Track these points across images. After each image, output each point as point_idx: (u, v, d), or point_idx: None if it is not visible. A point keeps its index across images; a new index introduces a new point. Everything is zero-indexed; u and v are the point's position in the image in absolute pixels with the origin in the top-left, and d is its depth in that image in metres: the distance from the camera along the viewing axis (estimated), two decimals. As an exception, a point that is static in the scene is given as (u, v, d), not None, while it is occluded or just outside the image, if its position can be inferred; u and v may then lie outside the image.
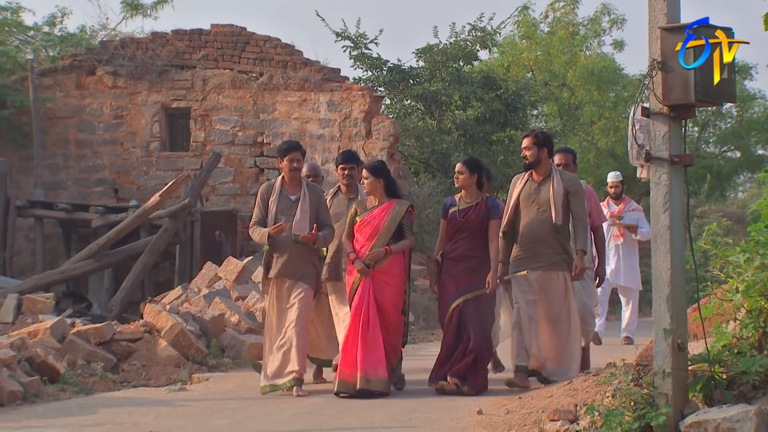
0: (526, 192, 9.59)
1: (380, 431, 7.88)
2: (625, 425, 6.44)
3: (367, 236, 9.49)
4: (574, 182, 9.65)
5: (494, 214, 9.57)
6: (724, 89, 6.50)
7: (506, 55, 28.90)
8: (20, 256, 18.41)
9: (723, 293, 7.27)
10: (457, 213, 9.62)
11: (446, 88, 23.09)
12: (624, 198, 14.36)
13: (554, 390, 9.40)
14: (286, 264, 9.50)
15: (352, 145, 18.04)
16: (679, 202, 6.55)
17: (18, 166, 18.53)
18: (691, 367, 6.58)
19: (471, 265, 9.53)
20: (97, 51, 19.59)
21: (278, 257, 9.55)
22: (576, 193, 9.56)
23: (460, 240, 9.61)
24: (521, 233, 9.54)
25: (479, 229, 9.57)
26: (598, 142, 28.86)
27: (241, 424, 8.25)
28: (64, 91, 19.37)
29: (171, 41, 19.31)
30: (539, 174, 9.59)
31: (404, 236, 9.59)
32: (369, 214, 9.54)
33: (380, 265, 9.43)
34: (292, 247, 9.47)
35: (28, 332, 11.41)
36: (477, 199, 9.63)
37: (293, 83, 18.58)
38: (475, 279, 9.49)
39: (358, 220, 9.54)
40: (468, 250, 9.57)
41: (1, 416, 9.34)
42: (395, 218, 9.53)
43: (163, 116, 19.22)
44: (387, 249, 9.42)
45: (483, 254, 9.55)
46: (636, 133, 6.67)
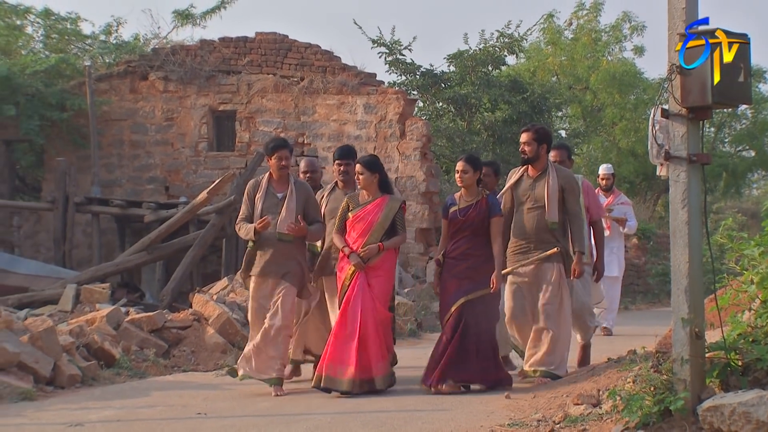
0: (522, 187, 9.21)
1: (415, 413, 7.88)
2: (645, 409, 6.41)
3: (360, 232, 8.92)
4: (569, 179, 9.24)
5: (495, 212, 8.98)
6: (740, 92, 6.47)
7: (532, 60, 28.85)
8: (78, 249, 18.54)
9: (738, 285, 7.24)
10: (458, 212, 8.98)
11: (476, 91, 23.04)
12: (614, 191, 13.91)
13: (578, 376, 9.38)
14: (269, 262, 8.88)
15: (387, 146, 18.06)
16: (696, 198, 6.51)
17: (76, 166, 18.66)
18: (708, 355, 6.55)
19: (473, 264, 8.90)
20: (149, 57, 19.69)
21: (261, 255, 8.92)
22: (571, 191, 9.16)
23: (462, 239, 8.98)
24: (516, 229, 9.18)
25: (481, 228, 8.94)
26: (619, 142, 28.77)
27: (283, 407, 8.31)
28: (119, 95, 19.48)
29: (218, 48, 19.37)
30: (536, 169, 9.18)
31: (396, 232, 9.03)
32: (362, 210, 8.97)
33: (372, 261, 8.86)
34: (276, 246, 8.88)
35: (86, 320, 11.50)
36: (477, 197, 8.99)
37: (332, 87, 18.59)
38: (477, 278, 8.86)
39: (351, 216, 8.98)
40: (469, 248, 8.93)
41: (62, 398, 9.42)
42: (389, 214, 8.97)
43: (211, 118, 19.28)
44: (380, 245, 8.85)
45: (485, 252, 8.93)
46: (656, 134, 6.64)
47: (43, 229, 19.52)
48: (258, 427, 7.62)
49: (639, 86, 29.33)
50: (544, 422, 7.35)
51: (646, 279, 21.74)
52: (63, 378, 9.95)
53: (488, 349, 8.86)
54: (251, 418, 7.99)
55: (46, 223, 19.20)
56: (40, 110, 18.51)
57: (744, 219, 26.52)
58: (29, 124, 18.33)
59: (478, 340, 8.78)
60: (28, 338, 10.00)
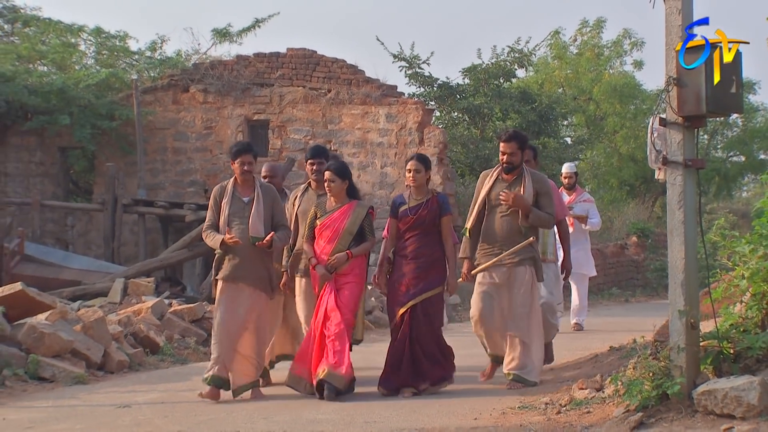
0: (496, 191, 8.37)
1: (431, 398, 7.92)
2: (644, 393, 6.41)
3: (327, 239, 8.17)
4: (543, 182, 8.49)
5: (446, 211, 8.31)
6: (732, 102, 6.48)
7: (540, 73, 28.80)
8: (126, 246, 18.63)
9: (730, 279, 7.22)
10: (408, 210, 8.25)
11: (488, 102, 23.01)
12: (576, 189, 13.02)
13: (582, 362, 9.36)
14: (238, 267, 8.04)
15: (407, 152, 18.02)
16: (691, 200, 6.50)
17: (124, 170, 18.75)
18: (703, 343, 6.53)
19: (421, 264, 8.18)
20: (190, 72, 19.75)
21: (230, 259, 8.08)
22: (546, 194, 8.41)
23: (411, 237, 8.24)
24: (489, 232, 8.38)
25: (432, 226, 8.24)
26: (620, 148, 28.71)
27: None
28: (163, 106, 19.55)
29: (253, 63, 19.42)
30: (511, 174, 8.40)
31: (365, 238, 8.26)
32: (329, 217, 8.20)
33: (341, 268, 8.12)
34: (246, 251, 8.02)
35: (132, 311, 11.55)
36: (427, 196, 8.30)
37: (356, 98, 18.60)
38: (426, 278, 8.17)
39: (318, 223, 8.23)
40: (419, 247, 8.21)
41: (112, 381, 9.48)
42: (356, 221, 8.19)
43: (246, 127, 19.32)
44: (349, 254, 8.11)
45: (435, 251, 8.24)
46: (654, 141, 6.62)
47: (94, 228, 19.62)
48: (290, 408, 7.64)
49: (638, 97, 29.30)
50: (551, 405, 7.35)
51: (645, 274, 21.66)
52: (112, 364, 10.01)
53: (435, 350, 8.20)
54: (283, 401, 8.02)
55: (97, 222, 19.30)
56: (91, 120, 18.61)
57: (735, 219, 26.41)
58: (82, 132, 18.43)
59: (428, 341, 8.15)
60: (81, 327, 10.06)
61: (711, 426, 5.97)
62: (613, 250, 21.50)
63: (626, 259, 21.79)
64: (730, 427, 5.88)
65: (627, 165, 28.68)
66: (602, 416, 6.70)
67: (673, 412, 6.28)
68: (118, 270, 16.24)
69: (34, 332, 9.55)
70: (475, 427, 6.76)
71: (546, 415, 7.02)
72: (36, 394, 8.78)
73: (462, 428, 6.73)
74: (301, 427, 6.87)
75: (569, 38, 29.99)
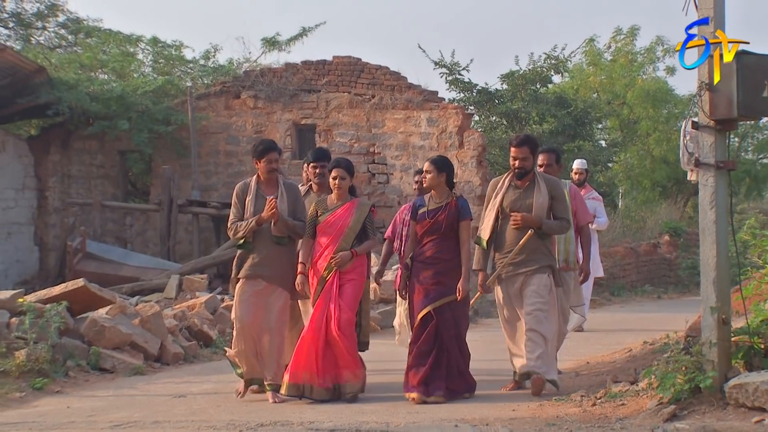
0: (510, 199, 7.73)
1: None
2: (677, 386, 6.37)
3: (331, 237, 7.63)
4: (556, 187, 7.86)
5: (465, 215, 7.66)
6: (763, 106, 6.42)
7: (575, 78, 28.60)
8: (180, 244, 18.76)
9: (761, 276, 7.17)
10: (426, 213, 7.66)
11: (525, 106, 22.90)
12: (586, 186, 12.08)
13: (617, 356, 9.29)
14: (262, 265, 7.62)
15: (447, 154, 17.98)
16: (723, 200, 6.45)
17: (179, 172, 18.88)
18: (734, 339, 6.47)
19: (440, 269, 7.57)
20: (241, 79, 19.84)
21: (254, 257, 7.65)
22: (558, 198, 7.80)
23: (429, 242, 7.64)
24: (503, 241, 7.74)
25: (450, 231, 7.62)
26: (653, 151, 28.45)
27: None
28: (216, 111, 19.64)
29: (300, 70, 19.46)
30: (523, 180, 7.76)
31: (367, 237, 7.73)
32: (332, 215, 7.67)
33: (345, 267, 7.58)
34: (271, 249, 7.65)
35: (187, 306, 11.64)
36: (447, 199, 7.67)
37: (399, 103, 18.58)
38: (444, 284, 7.56)
39: (321, 221, 7.70)
40: (437, 252, 7.60)
41: (168, 372, 9.56)
42: (359, 218, 7.67)
43: (294, 131, 19.37)
44: (353, 252, 7.60)
45: (453, 257, 7.62)
46: (687, 143, 6.58)
47: (151, 227, 19.77)
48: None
49: (670, 102, 29.06)
50: (587, 398, 7.31)
51: (677, 271, 21.47)
52: (168, 356, 10.09)
53: (458, 357, 7.62)
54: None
55: (154, 222, 19.44)
56: (149, 125, 18.75)
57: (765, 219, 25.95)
58: (140, 136, 18.58)
59: (452, 346, 7.55)
60: (139, 321, 10.15)
61: (742, 418, 5.91)
62: (646, 249, 21.36)
63: (659, 257, 21.63)
64: (761, 419, 5.83)
65: (659, 167, 28.42)
66: (636, 408, 6.66)
67: (705, 405, 6.24)
68: (174, 267, 16.37)
69: (96, 326, 9.65)
70: (513, 418, 6.74)
71: (582, 407, 6.99)
72: (97, 384, 8.88)
73: (501, 419, 6.71)
74: (347, 417, 6.88)
75: (604, 45, 29.74)
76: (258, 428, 6.58)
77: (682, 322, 7.68)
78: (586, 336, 11.70)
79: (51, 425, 7.03)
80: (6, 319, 9.41)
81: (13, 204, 18.53)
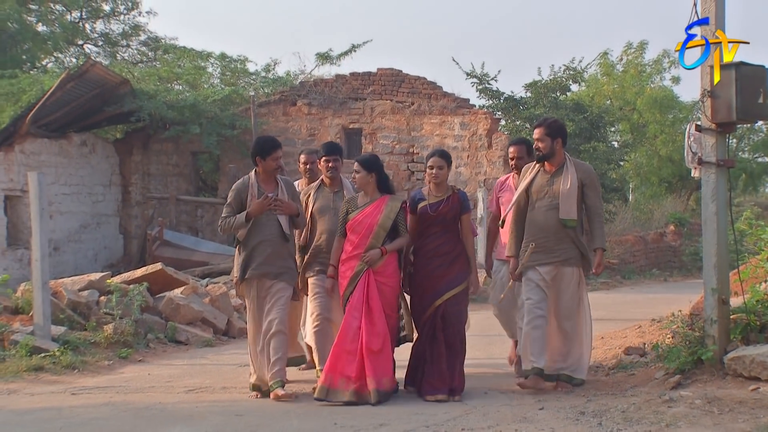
0: (538, 184, 6.78)
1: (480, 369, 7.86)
2: (681, 359, 6.34)
3: (360, 236, 6.60)
4: (589, 173, 6.82)
5: (466, 209, 6.79)
6: (759, 110, 6.38)
7: (591, 87, 28.37)
8: (245, 233, 18.85)
9: (756, 261, 7.10)
10: (428, 207, 6.68)
11: (546, 112, 22.72)
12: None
13: (628, 332, 9.22)
14: (264, 263, 6.71)
15: (477, 155, 17.99)
16: (723, 194, 6.40)
17: (243, 171, 18.91)
18: (733, 316, 6.42)
19: (444, 262, 6.64)
20: (297, 89, 19.90)
21: (256, 257, 6.73)
22: (591, 185, 6.74)
23: (432, 235, 6.69)
24: (532, 227, 6.75)
25: (452, 224, 6.71)
26: (660, 151, 28.21)
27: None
28: (275, 117, 19.74)
29: (349, 81, 19.49)
30: (552, 165, 6.79)
31: (399, 233, 6.65)
32: (361, 213, 6.66)
33: (376, 266, 6.54)
34: (271, 246, 6.73)
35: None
36: (448, 193, 6.74)
37: (435, 110, 18.56)
38: (450, 276, 6.62)
39: (350, 219, 6.69)
40: (441, 245, 6.66)
41: (233, 345, 9.64)
42: (389, 215, 6.62)
43: (343, 134, 19.40)
44: (383, 250, 6.55)
45: (456, 249, 6.69)
46: (691, 144, 6.52)
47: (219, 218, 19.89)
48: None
49: (676, 107, 28.84)
50: (601, 369, 7.27)
51: (681, 257, 21.31)
52: (234, 330, 10.17)
53: (458, 352, 6.63)
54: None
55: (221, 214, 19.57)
56: (217, 129, 18.87)
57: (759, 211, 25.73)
58: (209, 139, 18.71)
59: (455, 341, 6.61)
60: (209, 300, 10.25)
61: (740, 387, 5.87)
62: (654, 237, 21.29)
63: (665, 245, 21.50)
64: (757, 388, 5.79)
65: (666, 165, 28.19)
66: (645, 378, 6.62)
67: (706, 375, 6.19)
68: (239, 253, 16.46)
69: (172, 304, 9.76)
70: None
71: (596, 377, 6.95)
72: (173, 354, 8.99)
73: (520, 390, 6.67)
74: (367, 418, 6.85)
75: (616, 58, 29.47)
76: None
77: (686, 302, 7.62)
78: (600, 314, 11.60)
79: (135, 389, 7.13)
80: (96, 298, 9.56)
81: (101, 198, 18.81)
